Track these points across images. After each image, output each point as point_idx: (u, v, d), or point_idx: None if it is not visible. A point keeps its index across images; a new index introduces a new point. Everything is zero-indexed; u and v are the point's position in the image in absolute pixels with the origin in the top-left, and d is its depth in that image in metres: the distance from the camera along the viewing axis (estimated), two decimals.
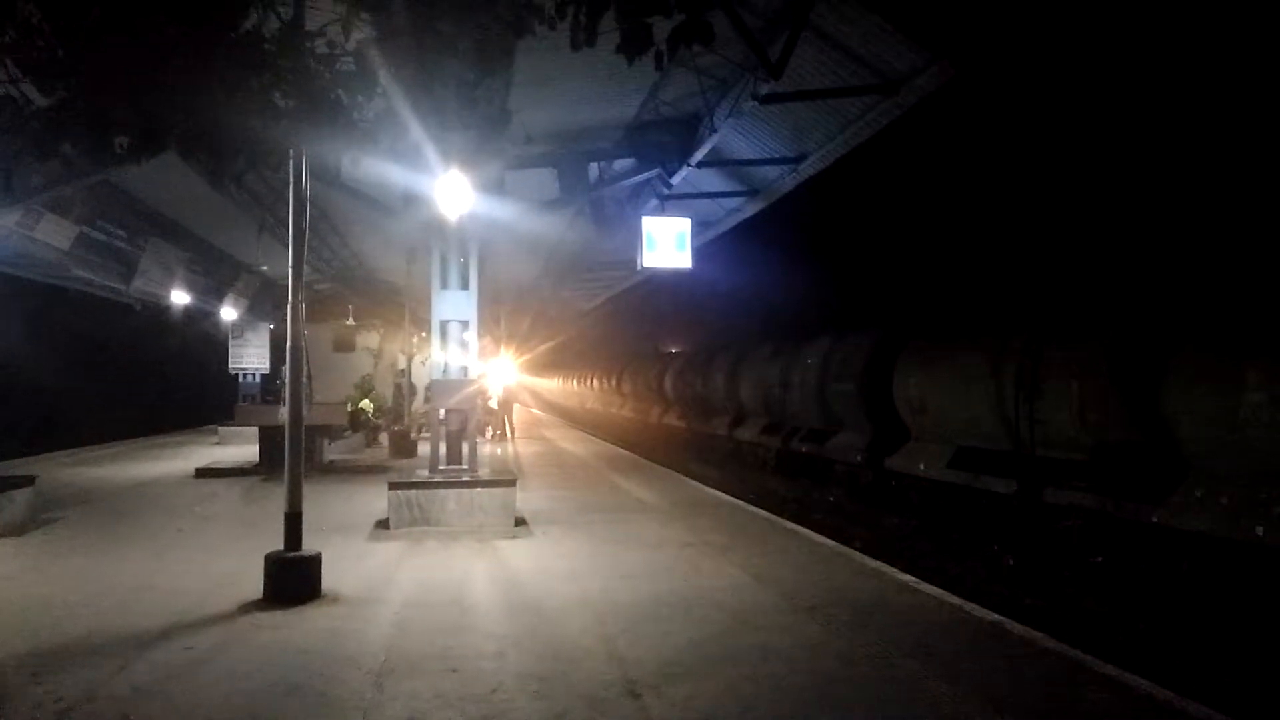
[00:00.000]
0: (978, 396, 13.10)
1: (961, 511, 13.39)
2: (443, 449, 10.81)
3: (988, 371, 12.87)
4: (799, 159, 13.41)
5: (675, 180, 12.93)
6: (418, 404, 24.88)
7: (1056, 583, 10.15)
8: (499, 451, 21.01)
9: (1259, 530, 8.60)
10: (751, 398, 22.88)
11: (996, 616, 6.46)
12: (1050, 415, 11.67)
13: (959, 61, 9.62)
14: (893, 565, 8.37)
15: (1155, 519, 9.77)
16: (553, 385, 66.69)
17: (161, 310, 20.77)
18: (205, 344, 27.11)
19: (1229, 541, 8.94)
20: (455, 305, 10.97)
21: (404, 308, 21.87)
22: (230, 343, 25.23)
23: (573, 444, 24.49)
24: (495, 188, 10.78)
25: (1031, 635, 6.02)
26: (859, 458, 16.53)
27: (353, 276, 23.70)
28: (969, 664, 5.41)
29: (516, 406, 30.08)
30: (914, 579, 7.63)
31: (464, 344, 11.26)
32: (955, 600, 6.90)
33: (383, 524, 10.21)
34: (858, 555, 8.85)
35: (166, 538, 9.70)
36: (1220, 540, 9.04)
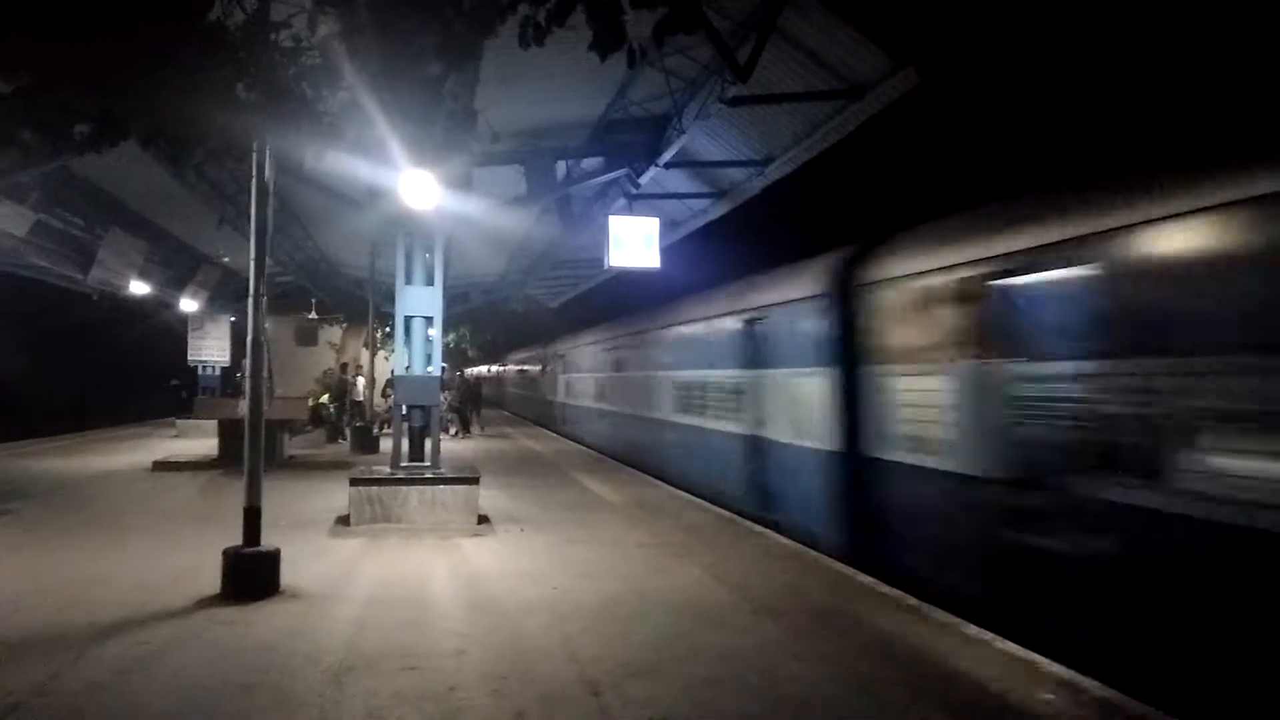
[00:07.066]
0: None
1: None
2: (405, 445, 10.76)
3: None
4: (766, 162, 13.50)
5: (643, 180, 12.97)
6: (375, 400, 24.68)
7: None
8: (461, 448, 20.91)
9: None
10: None
11: (953, 618, 6.54)
12: None
13: (924, 68, 9.75)
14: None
15: None
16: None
17: (120, 301, 20.47)
18: (164, 335, 26.73)
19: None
20: (420, 301, 10.90)
21: (368, 302, 21.71)
22: (190, 335, 24.87)
23: (536, 441, 24.42)
24: (462, 184, 10.74)
25: (984, 636, 6.12)
26: None
27: (316, 270, 23.47)
28: (927, 666, 5.49)
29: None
30: (874, 580, 7.71)
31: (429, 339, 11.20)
32: (913, 602, 6.99)
33: (343, 520, 10.13)
34: (819, 557, 8.91)
35: (122, 531, 9.56)
36: None
